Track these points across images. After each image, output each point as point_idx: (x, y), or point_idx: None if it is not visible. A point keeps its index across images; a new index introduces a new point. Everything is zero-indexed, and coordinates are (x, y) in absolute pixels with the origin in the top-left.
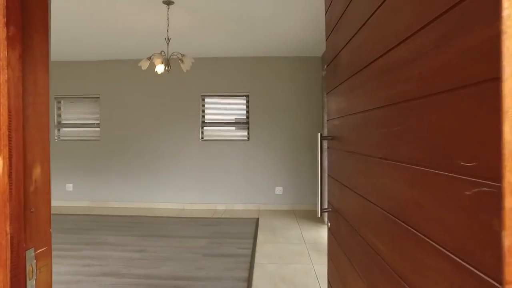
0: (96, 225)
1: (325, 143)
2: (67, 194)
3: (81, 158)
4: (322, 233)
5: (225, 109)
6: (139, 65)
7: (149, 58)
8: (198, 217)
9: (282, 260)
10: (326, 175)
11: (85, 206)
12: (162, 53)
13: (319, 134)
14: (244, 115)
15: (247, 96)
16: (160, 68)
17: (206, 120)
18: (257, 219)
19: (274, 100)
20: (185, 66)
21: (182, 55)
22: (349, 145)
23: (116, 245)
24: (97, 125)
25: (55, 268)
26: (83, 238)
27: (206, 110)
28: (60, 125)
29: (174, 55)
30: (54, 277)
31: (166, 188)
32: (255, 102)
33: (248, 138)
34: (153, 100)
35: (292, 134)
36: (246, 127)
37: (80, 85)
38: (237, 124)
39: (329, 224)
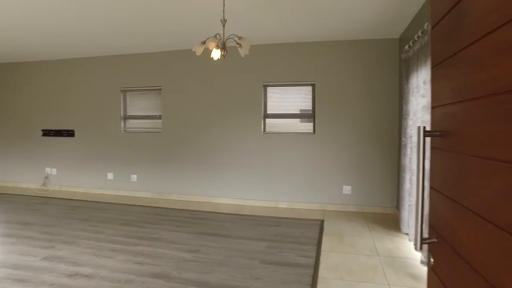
0: (155, 219)
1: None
2: (132, 185)
3: (145, 149)
4: (398, 244)
5: (289, 99)
6: (193, 50)
7: (203, 43)
8: (257, 215)
9: (351, 276)
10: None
11: (147, 198)
12: (217, 36)
13: (420, 127)
14: (309, 106)
15: (313, 85)
16: (215, 54)
17: (268, 112)
18: (322, 221)
19: (343, 89)
20: (243, 50)
21: (239, 38)
22: (476, 145)
23: (170, 242)
24: (159, 117)
25: (110, 262)
26: (140, 232)
27: (268, 101)
28: (126, 117)
29: (230, 38)
30: (106, 273)
31: (226, 182)
32: (322, 92)
33: (314, 131)
34: (213, 90)
35: (364, 127)
36: (312, 119)
37: (144, 77)
38: (301, 116)
39: (432, 260)
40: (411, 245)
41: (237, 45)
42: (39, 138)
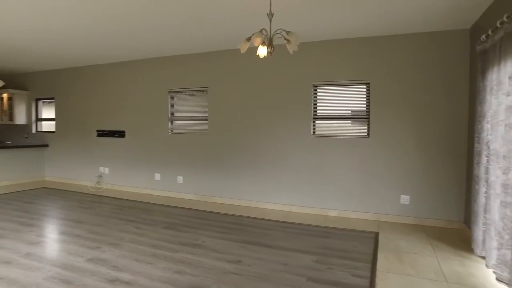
0: (198, 223)
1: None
2: (178, 186)
3: (191, 151)
4: (471, 269)
5: (340, 100)
6: (238, 47)
7: (249, 39)
8: (305, 223)
9: None
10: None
11: (192, 200)
12: (263, 31)
13: None
14: (362, 107)
15: (368, 85)
16: (261, 51)
17: (318, 113)
18: (376, 234)
19: (402, 88)
20: (292, 46)
21: (288, 32)
22: None
23: (212, 250)
24: (205, 118)
25: (150, 269)
26: (182, 237)
27: (318, 102)
28: (173, 119)
29: (277, 32)
30: (145, 281)
31: (272, 187)
32: (378, 92)
33: (368, 134)
34: (259, 91)
35: (426, 130)
36: (366, 121)
37: (191, 78)
38: (354, 117)
39: None
40: (489, 272)
41: (285, 41)
42: (94, 138)
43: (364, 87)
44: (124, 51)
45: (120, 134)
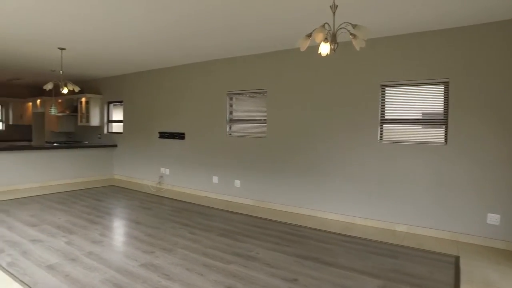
0: (253, 232)
1: None
2: (235, 190)
3: (249, 154)
4: None
5: (411, 102)
6: (296, 45)
7: (309, 36)
8: (369, 238)
9: None
10: None
11: (249, 205)
12: (326, 25)
13: None
14: (437, 109)
15: (446, 84)
16: (323, 48)
17: (386, 117)
18: (457, 259)
19: (489, 88)
20: (359, 42)
21: (354, 26)
22: None
23: (266, 263)
24: (264, 121)
25: (200, 281)
26: (236, 247)
27: (386, 104)
28: (231, 121)
29: (342, 27)
30: None
31: (334, 195)
32: (459, 91)
33: (445, 140)
34: (321, 92)
35: None
36: (442, 126)
37: (249, 80)
38: (426, 121)
39: None
40: None
41: (350, 37)
42: (156, 140)
43: (441, 87)
44: (185, 55)
45: (180, 136)
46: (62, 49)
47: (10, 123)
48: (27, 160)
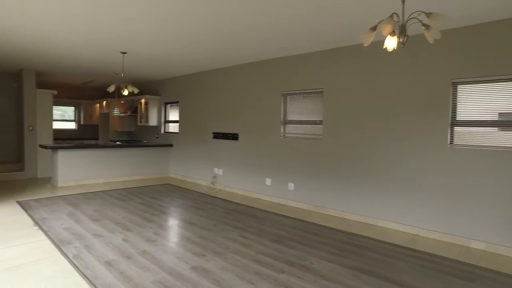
0: (307, 238)
1: None
2: (288, 194)
3: (303, 157)
4: None
5: (486, 101)
6: (360, 38)
7: (374, 29)
8: (438, 254)
9: None
10: None
11: (303, 209)
12: (394, 16)
13: None
14: None
15: None
16: (390, 42)
17: (458, 118)
18: None
19: None
20: (433, 34)
21: (428, 14)
22: None
23: (321, 275)
24: (320, 122)
25: None
26: (289, 254)
27: (458, 104)
28: (285, 122)
29: (413, 17)
30: None
31: (395, 203)
32: None
33: None
34: (384, 92)
35: None
36: None
37: (305, 79)
38: (505, 123)
39: None
40: None
41: (422, 28)
42: (210, 140)
43: None
44: (239, 55)
45: (234, 137)
46: (123, 53)
47: (82, 123)
48: (93, 157)
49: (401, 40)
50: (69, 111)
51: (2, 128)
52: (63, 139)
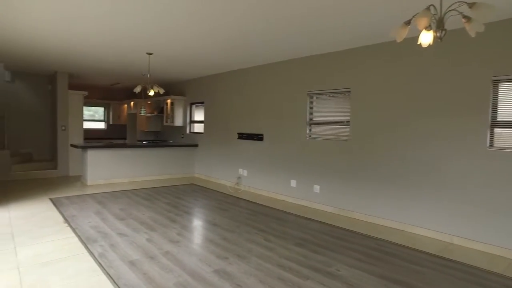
0: (333, 243)
1: None
2: (313, 196)
3: (330, 158)
4: None
5: None
6: (392, 34)
7: (408, 23)
8: (476, 266)
9: None
10: None
11: (329, 212)
12: (431, 8)
13: None
14: None
15: None
16: (426, 38)
17: (499, 118)
18: None
19: None
20: (475, 27)
21: (471, 5)
22: None
23: (348, 283)
24: (347, 123)
25: None
26: (313, 259)
27: (499, 103)
28: (311, 123)
29: (453, 9)
30: None
31: (427, 208)
32: None
33: None
34: (416, 91)
35: None
36: None
37: (331, 79)
38: None
39: None
40: None
41: (463, 20)
42: (235, 140)
43: None
44: (264, 54)
45: (259, 137)
46: (149, 54)
47: (110, 123)
48: (121, 157)
49: (438, 34)
50: (99, 111)
51: (38, 128)
52: (93, 139)
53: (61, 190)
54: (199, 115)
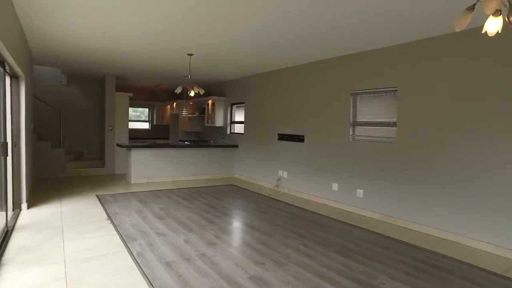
0: (377, 253)
1: None
2: (357, 201)
3: (374, 161)
4: None
5: None
6: (451, 23)
7: (471, 8)
8: None
9: None
10: None
11: (373, 219)
12: None
13: None
14: None
15: None
16: (493, 25)
17: None
18: None
19: None
20: None
21: None
22: None
23: None
24: (393, 124)
25: None
26: (356, 270)
27: None
28: (354, 124)
29: None
30: None
31: (487, 219)
32: None
33: None
34: (471, 89)
35: None
36: None
37: (376, 77)
38: None
39: None
40: None
41: None
42: (275, 141)
43: None
44: (305, 53)
45: (299, 138)
46: (190, 55)
47: (154, 123)
48: (163, 156)
49: (510, 19)
50: (145, 112)
51: (89, 128)
52: (137, 139)
53: (107, 187)
54: (239, 115)
